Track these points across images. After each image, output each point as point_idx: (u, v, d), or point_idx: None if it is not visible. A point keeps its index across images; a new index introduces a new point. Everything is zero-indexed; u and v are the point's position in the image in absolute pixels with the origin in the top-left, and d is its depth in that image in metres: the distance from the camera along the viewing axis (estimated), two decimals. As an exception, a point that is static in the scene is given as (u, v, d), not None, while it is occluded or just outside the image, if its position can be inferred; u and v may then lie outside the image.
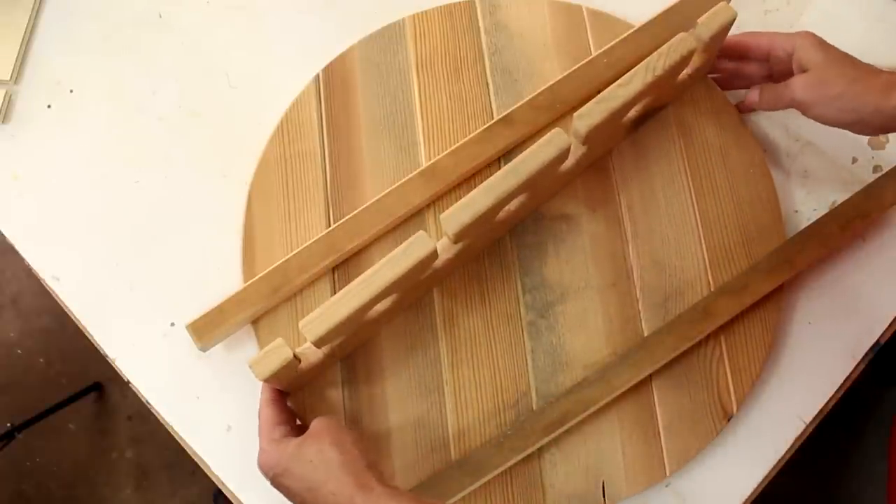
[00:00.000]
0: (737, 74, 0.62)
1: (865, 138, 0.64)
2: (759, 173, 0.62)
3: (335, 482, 0.46)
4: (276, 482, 0.48)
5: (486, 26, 0.66)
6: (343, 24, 0.67)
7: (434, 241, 0.50)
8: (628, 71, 0.63)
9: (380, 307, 0.54)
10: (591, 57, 0.63)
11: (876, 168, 0.64)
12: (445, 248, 0.55)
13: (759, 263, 0.59)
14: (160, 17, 0.68)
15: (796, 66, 0.56)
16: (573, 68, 0.63)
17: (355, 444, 0.48)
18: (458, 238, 0.52)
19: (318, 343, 0.50)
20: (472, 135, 0.61)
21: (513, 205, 0.57)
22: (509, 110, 0.62)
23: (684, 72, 0.59)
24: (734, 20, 0.55)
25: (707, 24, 0.55)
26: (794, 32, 0.56)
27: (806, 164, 0.64)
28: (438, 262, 0.55)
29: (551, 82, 0.62)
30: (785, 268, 0.59)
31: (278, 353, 0.50)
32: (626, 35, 0.63)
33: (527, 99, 0.62)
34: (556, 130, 0.52)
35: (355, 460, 0.47)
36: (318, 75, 0.64)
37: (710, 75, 0.64)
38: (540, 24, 0.66)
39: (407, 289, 0.54)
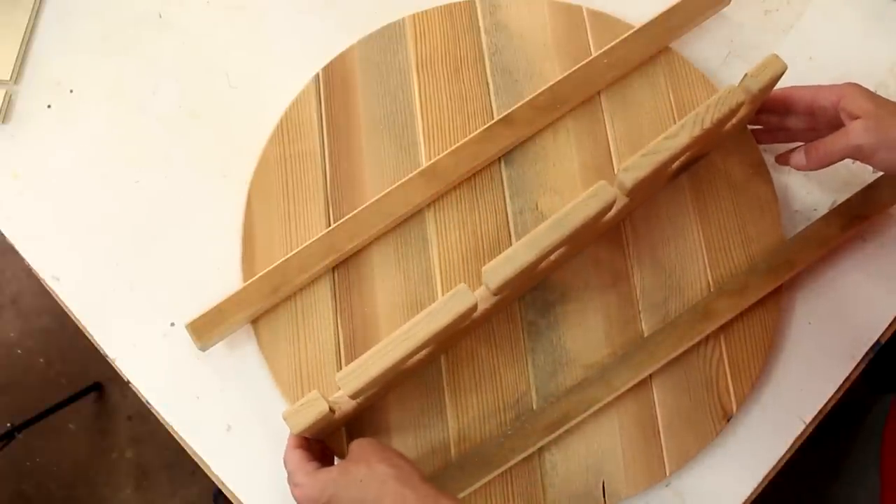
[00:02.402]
0: (779, 128, 0.61)
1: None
2: (759, 173, 0.62)
3: (392, 497, 0.45)
4: None
5: (486, 26, 0.66)
6: (343, 23, 0.67)
7: (474, 294, 0.49)
8: (628, 71, 0.64)
9: (416, 357, 0.53)
10: (591, 57, 0.63)
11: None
12: (484, 299, 0.53)
13: (758, 264, 0.59)
14: (160, 17, 0.68)
15: (844, 116, 0.54)
16: (573, 68, 0.63)
17: (403, 459, 0.47)
18: (498, 291, 0.51)
19: (354, 396, 0.49)
20: (472, 134, 0.61)
21: (553, 255, 0.55)
22: (509, 110, 0.62)
23: (729, 123, 0.57)
24: (784, 72, 0.53)
25: (756, 76, 0.53)
26: (839, 84, 0.55)
27: (806, 164, 0.64)
28: (477, 314, 0.53)
29: (551, 82, 0.62)
30: (785, 268, 0.59)
31: (314, 405, 0.48)
32: (626, 35, 0.63)
33: (527, 99, 0.62)
34: (601, 183, 0.50)
35: (410, 473, 0.46)
36: (317, 75, 0.64)
37: (749, 126, 0.63)
38: (540, 24, 0.66)
39: (443, 340, 0.53)
